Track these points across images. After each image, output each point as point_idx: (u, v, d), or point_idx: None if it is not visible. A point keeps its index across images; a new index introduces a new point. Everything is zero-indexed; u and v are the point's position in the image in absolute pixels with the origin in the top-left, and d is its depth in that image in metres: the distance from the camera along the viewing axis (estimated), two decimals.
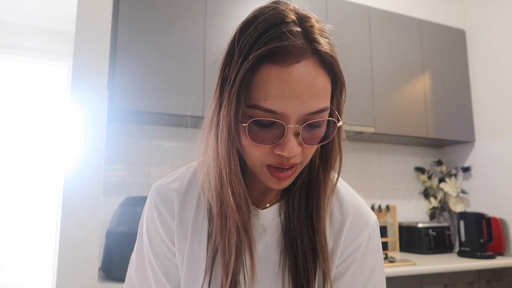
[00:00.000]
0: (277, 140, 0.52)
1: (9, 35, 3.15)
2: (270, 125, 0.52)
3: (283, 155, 0.53)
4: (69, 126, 1.46)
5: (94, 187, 1.44)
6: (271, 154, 0.54)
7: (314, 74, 0.51)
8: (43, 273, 3.10)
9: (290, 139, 0.52)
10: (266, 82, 0.50)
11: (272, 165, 0.54)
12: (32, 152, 3.21)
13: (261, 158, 0.54)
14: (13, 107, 3.19)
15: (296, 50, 0.50)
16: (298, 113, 0.51)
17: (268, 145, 0.53)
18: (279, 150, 0.52)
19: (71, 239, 1.38)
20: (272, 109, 0.50)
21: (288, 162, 0.54)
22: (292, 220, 0.61)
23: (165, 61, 1.86)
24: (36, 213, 3.16)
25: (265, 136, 0.52)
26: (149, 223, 0.68)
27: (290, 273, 0.61)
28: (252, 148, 0.54)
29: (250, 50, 0.51)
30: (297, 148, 0.52)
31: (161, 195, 0.67)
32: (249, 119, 0.52)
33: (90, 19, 1.54)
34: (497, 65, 2.62)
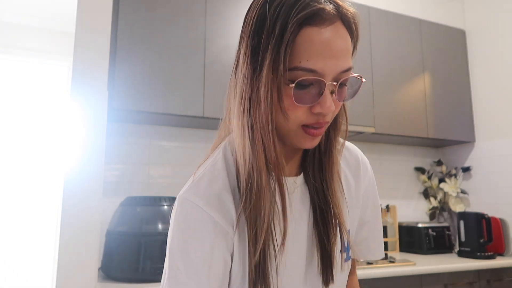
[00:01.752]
0: (316, 99, 0.56)
1: (9, 35, 3.15)
2: (309, 85, 0.55)
3: (321, 113, 0.56)
4: (69, 126, 1.46)
5: (94, 187, 1.44)
6: (309, 113, 0.57)
7: (345, 36, 0.57)
8: (43, 273, 3.10)
9: (328, 97, 0.56)
10: (308, 43, 0.54)
11: (309, 124, 0.58)
12: (32, 152, 3.21)
13: (300, 118, 0.57)
14: (13, 107, 3.19)
15: (330, 14, 0.55)
16: (334, 71, 0.55)
17: (308, 104, 0.56)
18: (318, 108, 0.56)
19: (71, 239, 1.38)
20: (313, 69, 0.54)
21: (324, 119, 0.58)
22: (314, 185, 0.66)
23: (165, 61, 1.86)
24: (36, 213, 3.16)
25: (305, 96, 0.56)
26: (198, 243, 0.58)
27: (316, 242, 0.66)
28: (293, 109, 0.56)
29: (288, 14, 0.54)
30: (333, 106, 0.56)
31: (212, 202, 0.59)
32: (289, 82, 0.55)
33: (90, 19, 1.54)
34: (497, 65, 2.62)
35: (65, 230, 1.38)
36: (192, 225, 0.58)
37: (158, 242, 1.59)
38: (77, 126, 1.45)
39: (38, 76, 3.28)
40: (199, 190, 0.60)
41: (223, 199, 0.60)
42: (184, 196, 0.60)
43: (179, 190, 0.64)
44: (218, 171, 0.62)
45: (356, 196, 0.76)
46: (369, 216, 0.79)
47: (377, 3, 2.53)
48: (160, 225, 1.63)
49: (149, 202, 1.69)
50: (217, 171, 0.62)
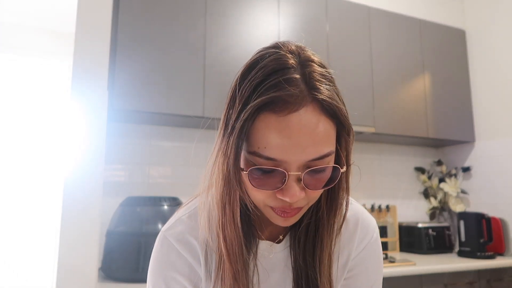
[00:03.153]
0: (279, 186, 0.52)
1: (9, 35, 3.15)
2: (272, 171, 0.51)
3: (285, 201, 0.52)
4: (69, 126, 1.46)
5: (94, 187, 1.44)
6: (274, 197, 0.53)
7: (315, 121, 0.50)
8: (43, 273, 3.10)
9: (292, 186, 0.51)
10: (265, 131, 0.50)
11: (275, 208, 0.54)
12: (32, 153, 3.21)
13: (264, 200, 0.54)
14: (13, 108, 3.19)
15: (294, 99, 0.49)
16: (299, 160, 0.50)
17: (271, 190, 0.52)
18: (281, 195, 0.52)
19: (71, 239, 1.38)
20: (272, 157, 0.50)
21: (291, 207, 0.53)
22: (298, 256, 0.62)
23: (165, 61, 1.86)
24: (36, 213, 3.16)
25: (266, 182, 0.52)
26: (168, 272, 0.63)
27: None
28: (254, 192, 0.54)
29: (249, 98, 0.51)
30: (300, 194, 0.52)
31: (182, 242, 0.63)
32: (251, 165, 0.52)
33: (90, 19, 1.54)
34: (497, 65, 2.62)
35: (65, 230, 1.38)
36: (168, 260, 0.63)
37: None
38: (77, 126, 1.45)
39: (38, 76, 3.28)
40: (180, 232, 0.64)
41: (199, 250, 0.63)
42: (164, 234, 0.65)
43: (179, 190, 0.68)
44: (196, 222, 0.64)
45: (343, 266, 0.67)
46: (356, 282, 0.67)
47: (377, 3, 2.53)
48: (160, 225, 1.63)
49: (149, 202, 1.69)
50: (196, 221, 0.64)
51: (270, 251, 0.63)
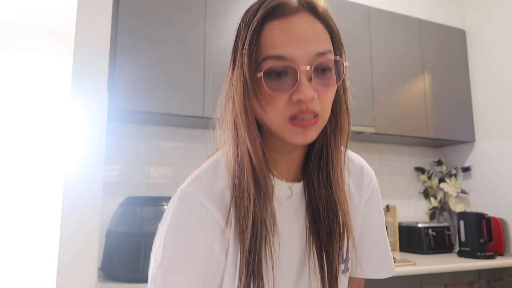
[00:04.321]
0: (293, 86, 0.55)
1: (9, 35, 3.15)
2: (284, 74, 0.56)
3: (301, 101, 0.55)
4: (69, 126, 1.46)
5: (94, 187, 1.44)
6: (290, 104, 0.56)
7: (313, 22, 0.57)
8: (43, 273, 3.10)
9: (304, 83, 0.55)
10: (270, 35, 0.56)
11: (293, 115, 0.56)
12: (32, 153, 3.21)
13: (282, 110, 0.56)
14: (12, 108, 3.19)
15: (293, 6, 0.57)
16: (305, 55, 0.55)
17: (285, 93, 0.56)
18: (296, 95, 0.55)
19: (71, 239, 1.38)
20: (280, 55, 0.55)
21: (307, 107, 0.56)
22: (315, 192, 0.64)
23: (165, 61, 1.86)
24: (36, 213, 3.16)
25: (281, 85, 0.56)
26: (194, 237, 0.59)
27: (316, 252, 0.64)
28: (271, 101, 0.56)
29: (253, 16, 0.58)
30: (312, 92, 0.55)
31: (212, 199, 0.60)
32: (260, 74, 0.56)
33: (90, 19, 1.54)
34: (497, 65, 2.62)
35: (65, 230, 1.38)
36: (191, 218, 0.59)
37: None
38: (77, 126, 1.45)
39: (38, 76, 3.28)
40: (202, 185, 0.61)
41: (224, 197, 0.61)
42: (186, 189, 0.61)
43: None
44: (221, 170, 0.63)
45: (358, 207, 0.73)
46: (370, 229, 0.75)
47: (377, 3, 2.53)
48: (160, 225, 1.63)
49: (149, 202, 1.69)
50: (220, 169, 0.63)
51: (289, 193, 0.65)
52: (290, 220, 0.64)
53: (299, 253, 0.65)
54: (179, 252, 0.59)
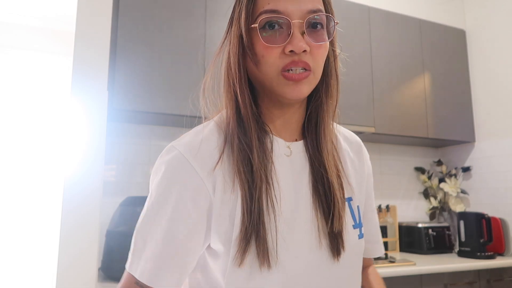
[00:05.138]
0: (286, 39, 0.59)
1: (9, 35, 3.15)
2: (278, 27, 0.60)
3: (294, 52, 0.59)
4: (69, 126, 1.46)
5: (94, 187, 1.44)
6: (283, 56, 0.60)
7: None
8: (43, 273, 3.10)
9: (297, 35, 0.59)
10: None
11: (286, 67, 0.59)
12: (32, 153, 3.21)
13: (275, 62, 0.60)
14: (12, 108, 3.19)
15: None
16: (298, 11, 0.59)
17: (279, 45, 0.59)
18: (289, 47, 0.59)
19: (71, 239, 1.38)
20: (275, 9, 0.59)
21: (299, 58, 0.59)
22: (314, 149, 0.67)
23: (165, 61, 1.86)
24: (36, 213, 3.16)
25: (275, 38, 0.60)
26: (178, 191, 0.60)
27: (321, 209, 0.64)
28: (265, 53, 0.60)
29: None
30: (305, 44, 0.58)
31: (191, 149, 0.61)
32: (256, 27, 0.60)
33: (90, 19, 1.54)
34: (497, 65, 2.62)
35: (65, 230, 1.38)
36: (174, 170, 0.61)
37: None
38: (77, 126, 1.45)
39: (38, 76, 3.28)
40: (185, 140, 0.64)
41: (207, 151, 0.62)
42: (171, 144, 0.65)
43: None
44: (208, 127, 0.66)
45: (361, 174, 0.75)
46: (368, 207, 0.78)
47: (377, 3, 2.53)
48: None
49: None
50: (208, 127, 0.66)
51: (288, 152, 0.67)
52: (294, 177, 0.65)
53: (305, 210, 0.64)
54: (162, 200, 0.60)
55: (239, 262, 0.57)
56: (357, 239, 0.67)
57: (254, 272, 0.58)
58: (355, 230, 0.67)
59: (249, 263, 0.57)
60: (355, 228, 0.67)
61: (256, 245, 0.57)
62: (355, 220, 0.68)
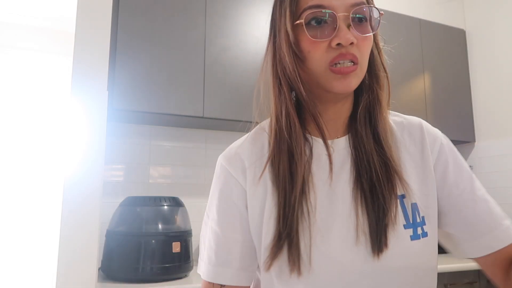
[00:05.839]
0: (333, 32, 0.59)
1: (9, 35, 3.15)
2: (323, 22, 0.59)
3: (341, 45, 0.58)
4: (69, 126, 1.46)
5: (94, 187, 1.44)
6: (330, 49, 0.59)
7: None
8: (43, 273, 3.10)
9: (343, 28, 0.59)
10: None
11: (334, 61, 0.59)
12: (32, 153, 3.21)
13: (323, 57, 0.60)
14: (12, 108, 3.19)
15: None
16: (342, 5, 0.59)
17: (326, 39, 0.59)
18: (336, 40, 0.58)
19: (71, 239, 1.38)
20: (320, 4, 0.59)
21: (347, 51, 0.59)
22: (361, 144, 0.65)
23: (165, 61, 1.86)
24: (36, 213, 3.16)
25: (321, 33, 0.59)
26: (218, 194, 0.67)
27: (364, 204, 0.61)
28: (312, 49, 0.60)
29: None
30: (351, 37, 0.58)
31: (228, 157, 0.68)
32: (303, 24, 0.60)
33: (90, 19, 1.54)
34: (497, 65, 2.62)
35: (65, 230, 1.38)
36: (215, 178, 0.69)
37: (158, 242, 1.59)
38: (77, 126, 1.45)
39: (38, 76, 3.28)
40: (227, 150, 0.70)
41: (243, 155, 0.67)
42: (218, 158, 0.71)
43: (179, 190, 0.70)
44: (251, 133, 0.71)
45: (425, 166, 0.67)
46: (458, 196, 0.68)
47: (377, 3, 2.51)
48: (160, 225, 1.63)
49: (149, 202, 1.69)
50: (250, 133, 0.71)
51: (332, 149, 0.66)
52: (333, 176, 0.64)
53: (343, 209, 0.62)
54: (210, 204, 0.68)
55: (268, 267, 0.60)
56: (409, 240, 0.60)
57: (283, 277, 0.59)
58: (406, 230, 0.61)
59: (279, 268, 0.59)
60: (406, 228, 0.61)
61: (288, 253, 0.58)
62: (407, 219, 0.61)
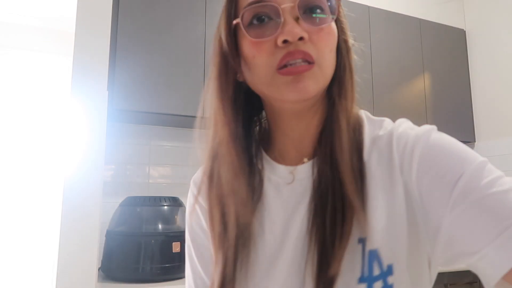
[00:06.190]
0: (277, 29, 0.48)
1: (9, 35, 3.15)
2: (267, 18, 0.49)
3: (287, 41, 0.47)
4: (69, 126, 1.46)
5: (94, 187, 1.44)
6: (277, 50, 0.49)
7: None
8: (43, 273, 3.10)
9: (289, 21, 0.48)
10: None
11: (282, 63, 0.48)
12: (32, 153, 3.21)
13: (268, 60, 0.49)
14: (12, 108, 3.19)
15: None
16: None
17: (269, 37, 0.49)
18: (281, 37, 0.48)
19: (71, 239, 1.38)
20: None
21: (296, 48, 0.48)
22: (323, 171, 0.51)
23: (165, 61, 1.86)
24: (36, 213, 3.16)
25: (264, 30, 0.49)
26: (188, 212, 0.64)
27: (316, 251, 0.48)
28: (256, 51, 0.50)
29: None
30: (300, 31, 0.47)
31: (194, 180, 0.64)
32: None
33: (90, 19, 1.54)
34: (497, 65, 2.62)
35: (65, 230, 1.38)
36: (188, 205, 0.64)
37: (158, 242, 1.59)
38: (77, 126, 1.45)
39: (38, 76, 3.28)
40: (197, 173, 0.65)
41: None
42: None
43: (179, 190, 0.70)
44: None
45: (392, 195, 0.49)
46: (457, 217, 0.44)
47: (377, 3, 2.53)
48: (160, 225, 1.63)
49: (149, 202, 1.69)
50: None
51: (290, 178, 0.55)
52: (289, 210, 0.54)
53: (294, 249, 0.52)
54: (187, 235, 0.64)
55: None
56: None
57: None
58: (360, 285, 0.46)
59: None
60: (360, 283, 0.46)
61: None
62: (363, 270, 0.47)
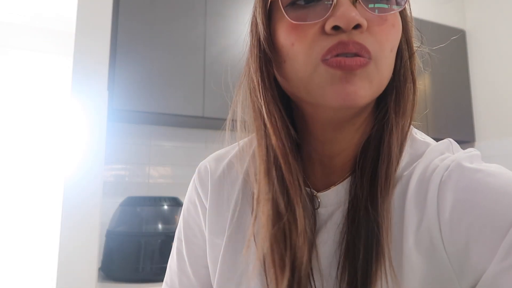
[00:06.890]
0: (327, 11, 0.37)
1: (9, 35, 3.15)
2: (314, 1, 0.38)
3: (341, 29, 0.37)
4: (69, 126, 1.46)
5: (94, 187, 1.44)
6: (324, 38, 0.38)
7: None
8: (43, 273, 3.10)
9: (344, 2, 0.37)
10: None
11: (329, 53, 0.37)
12: (33, 153, 3.21)
13: (311, 49, 0.38)
14: (13, 108, 3.19)
15: None
16: None
17: (316, 20, 0.37)
18: (332, 21, 0.37)
19: (71, 239, 1.38)
20: None
21: (350, 37, 0.37)
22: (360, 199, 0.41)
23: (165, 61, 1.86)
24: (36, 213, 3.16)
25: (309, 13, 0.38)
26: (186, 202, 0.58)
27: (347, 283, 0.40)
28: (296, 37, 0.38)
29: None
30: (358, 15, 0.36)
31: (199, 170, 0.56)
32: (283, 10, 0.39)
33: (90, 19, 1.54)
34: (497, 65, 2.62)
35: (65, 230, 1.38)
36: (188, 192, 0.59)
37: (158, 242, 1.59)
38: (77, 126, 1.45)
39: (38, 76, 3.28)
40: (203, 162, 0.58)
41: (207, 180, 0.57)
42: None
43: (179, 190, 0.67)
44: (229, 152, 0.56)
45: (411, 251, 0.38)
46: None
47: None
48: (160, 225, 1.63)
49: (149, 202, 1.69)
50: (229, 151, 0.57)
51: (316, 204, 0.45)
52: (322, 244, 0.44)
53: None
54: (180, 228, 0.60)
55: None
56: None
57: None
58: None
59: None
60: None
61: None
62: None
